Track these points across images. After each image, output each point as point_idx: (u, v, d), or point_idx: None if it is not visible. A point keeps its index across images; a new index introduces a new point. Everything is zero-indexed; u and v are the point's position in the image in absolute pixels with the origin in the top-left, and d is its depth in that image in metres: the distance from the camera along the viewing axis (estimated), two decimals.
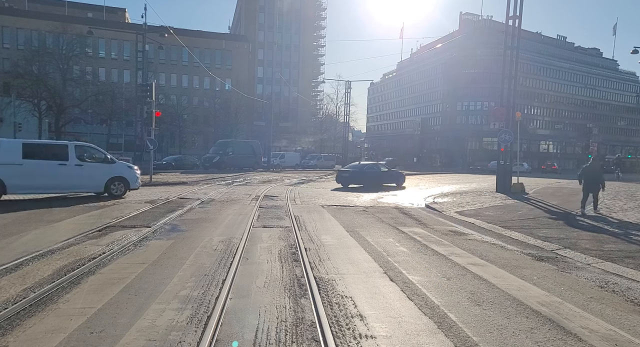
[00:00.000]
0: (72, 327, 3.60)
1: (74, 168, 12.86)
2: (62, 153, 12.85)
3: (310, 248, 6.94)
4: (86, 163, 13.31)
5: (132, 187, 14.17)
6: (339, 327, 3.76)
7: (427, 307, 4.32)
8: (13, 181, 11.83)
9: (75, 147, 13.18)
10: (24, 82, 34.85)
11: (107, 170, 13.69)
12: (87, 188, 13.62)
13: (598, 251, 7.12)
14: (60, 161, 12.68)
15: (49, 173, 12.45)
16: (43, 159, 12.51)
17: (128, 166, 14.45)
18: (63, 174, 12.70)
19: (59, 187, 12.94)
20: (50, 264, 5.58)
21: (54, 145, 14.04)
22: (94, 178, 13.41)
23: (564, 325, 3.93)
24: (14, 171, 11.86)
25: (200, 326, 3.70)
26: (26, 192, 12.66)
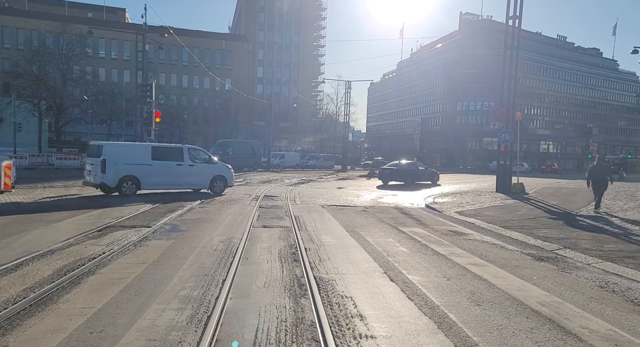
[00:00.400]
0: (72, 327, 3.60)
1: (188, 168, 14.96)
2: (179, 155, 14.96)
3: (310, 248, 6.94)
4: (196, 163, 15.26)
5: (228, 185, 16.10)
6: (339, 327, 3.76)
7: (427, 307, 4.32)
8: (145, 179, 14.12)
9: (188, 150, 15.29)
10: (24, 82, 34.85)
11: (211, 169, 15.62)
12: (197, 185, 15.56)
13: (598, 251, 7.13)
14: (177, 162, 14.79)
15: (170, 172, 14.61)
16: (166, 160, 14.63)
17: (226, 166, 16.36)
18: (180, 173, 14.82)
19: (177, 184, 15.20)
20: (50, 264, 5.58)
21: (173, 148, 16.00)
22: (202, 176, 15.37)
23: (564, 325, 3.94)
24: (146, 171, 14.11)
25: (200, 326, 3.70)
26: (153, 188, 14.73)
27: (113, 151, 14.03)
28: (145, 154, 14.37)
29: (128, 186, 13.86)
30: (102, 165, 13.47)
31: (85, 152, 18.11)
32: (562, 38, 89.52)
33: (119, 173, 13.67)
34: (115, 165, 13.62)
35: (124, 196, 13.62)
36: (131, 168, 13.92)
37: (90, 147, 14.88)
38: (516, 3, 18.10)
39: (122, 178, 13.73)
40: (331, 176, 32.52)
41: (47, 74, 36.65)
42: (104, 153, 13.66)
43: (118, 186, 13.73)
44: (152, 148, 14.87)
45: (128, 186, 13.86)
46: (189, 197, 14.08)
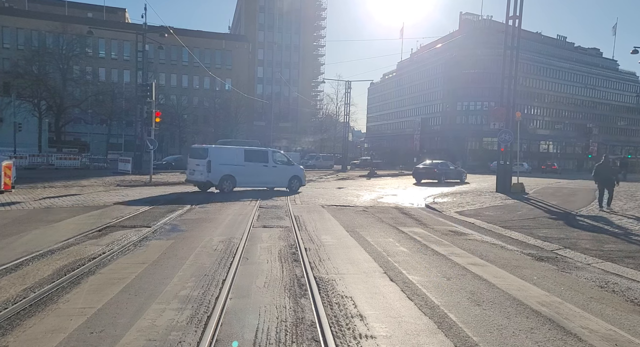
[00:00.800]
0: (72, 327, 3.60)
1: (272, 168, 16.97)
2: (265, 157, 17.02)
3: (310, 248, 6.94)
4: (278, 165, 17.22)
5: (302, 184, 18.09)
6: (339, 327, 3.76)
7: (427, 307, 4.32)
8: (240, 178, 16.10)
9: (271, 152, 17.42)
10: (24, 82, 34.84)
11: (289, 170, 17.65)
12: (278, 184, 17.47)
13: (598, 251, 7.13)
14: (264, 163, 16.81)
15: (258, 172, 16.56)
16: (255, 162, 16.60)
17: (301, 168, 18.58)
18: (266, 173, 16.81)
19: (263, 182, 17.12)
20: (50, 264, 5.58)
21: (259, 151, 17.94)
22: (282, 176, 17.40)
23: (564, 325, 3.94)
24: (240, 171, 16.05)
25: (200, 326, 3.70)
26: (245, 186, 16.64)
27: (215, 153, 15.95)
28: (239, 156, 16.41)
29: (227, 184, 15.84)
30: (207, 165, 15.49)
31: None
32: (562, 38, 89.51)
33: (221, 172, 15.65)
34: (218, 166, 15.58)
35: (223, 192, 15.59)
36: (229, 168, 15.89)
37: (194, 150, 16.97)
38: (516, 3, 18.10)
39: (223, 177, 15.71)
40: (331, 176, 32.52)
41: (47, 74, 36.63)
42: (209, 155, 15.63)
43: (219, 183, 15.69)
44: (244, 151, 16.90)
45: (227, 184, 15.84)
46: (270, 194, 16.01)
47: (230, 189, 15.87)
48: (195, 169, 15.89)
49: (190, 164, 16.45)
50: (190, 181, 16.55)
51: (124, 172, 25.39)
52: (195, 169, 15.95)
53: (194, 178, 16.17)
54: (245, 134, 53.90)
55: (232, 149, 17.42)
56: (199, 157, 15.89)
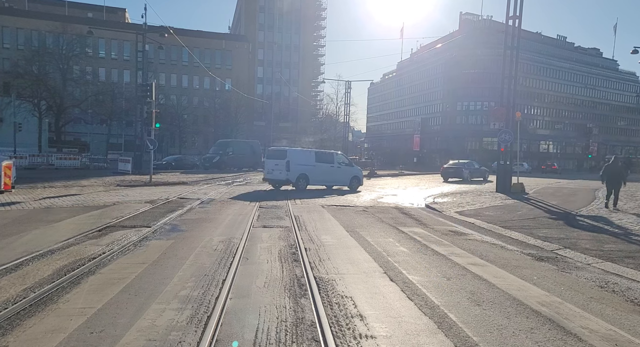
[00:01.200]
0: (72, 327, 3.60)
1: (337, 168, 18.84)
2: (331, 158, 18.96)
3: (310, 248, 6.94)
4: (341, 166, 19.07)
5: (360, 184, 19.78)
6: (339, 327, 3.76)
7: (427, 307, 4.32)
8: (312, 177, 17.79)
9: (335, 155, 19.51)
10: (24, 82, 34.83)
11: (350, 171, 19.42)
12: (341, 183, 19.11)
13: (598, 251, 7.13)
14: (330, 164, 18.68)
15: (326, 172, 18.40)
16: (323, 163, 18.37)
17: (359, 169, 20.45)
18: (331, 173, 18.67)
19: (329, 181, 18.91)
20: (50, 264, 5.58)
21: (327, 153, 19.92)
22: (345, 176, 19.04)
23: (564, 325, 3.94)
24: (312, 170, 17.77)
25: (200, 326, 3.70)
26: (316, 184, 18.21)
27: (293, 154, 17.66)
28: (311, 157, 18.17)
29: (302, 182, 17.52)
30: (287, 165, 17.13)
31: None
32: (562, 38, 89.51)
33: (297, 172, 17.31)
34: (295, 166, 17.23)
35: (299, 190, 17.26)
36: (304, 168, 17.54)
37: (272, 151, 18.91)
38: (516, 3, 18.11)
39: (299, 176, 17.39)
40: None
41: (47, 74, 36.63)
42: (288, 156, 17.37)
43: (296, 181, 17.38)
44: (315, 153, 18.85)
45: (302, 182, 17.52)
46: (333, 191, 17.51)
47: (304, 187, 17.60)
48: (274, 169, 17.53)
49: (268, 164, 18.14)
50: (268, 179, 18.19)
51: (124, 172, 25.38)
52: (274, 168, 17.56)
53: (272, 176, 17.75)
54: (245, 134, 53.92)
55: (305, 151, 19.31)
56: (278, 157, 17.57)
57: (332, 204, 13.53)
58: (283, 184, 17.90)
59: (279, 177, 17.50)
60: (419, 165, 66.35)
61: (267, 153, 19.18)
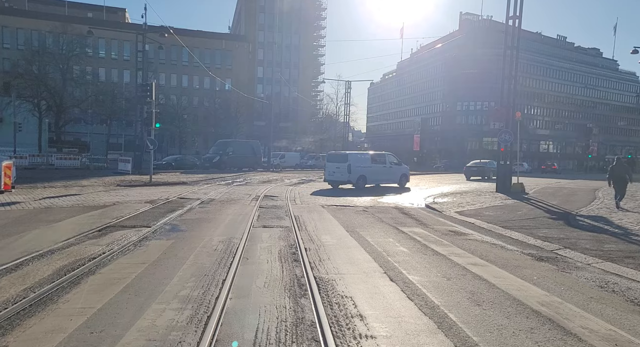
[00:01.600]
0: (72, 327, 3.60)
1: (388, 168, 20.73)
2: (383, 159, 20.86)
3: (310, 248, 6.94)
4: (392, 166, 20.89)
5: (407, 180, 21.69)
6: (339, 327, 3.76)
7: (427, 307, 4.32)
8: (369, 177, 19.59)
9: (387, 155, 21.32)
10: (24, 82, 34.82)
11: (399, 170, 21.23)
12: (392, 181, 20.90)
13: (598, 251, 7.12)
14: (383, 164, 20.56)
15: (380, 171, 20.26)
16: (377, 163, 20.30)
17: (406, 167, 22.25)
18: (384, 172, 20.54)
19: (382, 180, 20.58)
20: (50, 264, 5.58)
21: (380, 154, 21.65)
22: (395, 175, 20.97)
23: (564, 325, 3.93)
24: (368, 171, 19.65)
25: (200, 326, 3.70)
26: (370, 183, 19.94)
27: (353, 157, 19.57)
28: (368, 159, 20.23)
29: (361, 182, 19.16)
30: (348, 168, 18.85)
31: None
32: (562, 38, 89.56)
33: (357, 173, 18.99)
34: (356, 168, 18.94)
35: (359, 189, 18.90)
36: (362, 169, 19.29)
37: (333, 155, 21.19)
38: (516, 3, 18.11)
39: (359, 176, 19.07)
40: None
41: (47, 74, 36.62)
42: (349, 159, 19.17)
43: (356, 181, 19.06)
44: (371, 155, 21.03)
45: (361, 182, 19.16)
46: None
47: (362, 186, 19.20)
48: (335, 171, 19.38)
49: (329, 167, 19.88)
50: (329, 180, 19.99)
51: (124, 172, 25.39)
52: (335, 170, 19.42)
53: (334, 178, 19.55)
54: (245, 134, 53.96)
55: (363, 153, 21.91)
56: (340, 161, 19.44)
57: (332, 204, 13.53)
58: (343, 184, 19.62)
59: (340, 178, 19.27)
60: (419, 165, 66.35)
61: (328, 157, 21.26)
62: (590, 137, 78.93)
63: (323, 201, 14.39)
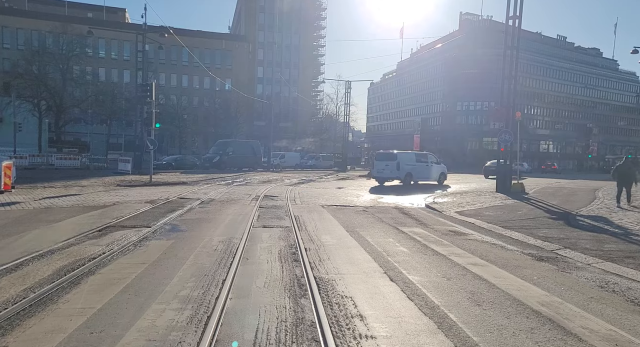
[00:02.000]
0: (72, 328, 3.60)
1: (430, 166, 22.90)
2: (425, 158, 23.15)
3: (310, 248, 6.93)
4: (432, 164, 23.12)
5: (445, 178, 23.86)
6: (339, 328, 3.76)
7: (427, 308, 4.32)
8: (415, 174, 21.70)
9: (428, 155, 23.91)
10: (24, 82, 34.80)
11: (439, 168, 23.44)
12: (432, 179, 23.05)
13: (598, 251, 7.12)
14: (425, 163, 22.77)
15: (423, 170, 22.38)
16: (420, 162, 22.46)
17: (444, 166, 24.14)
18: (426, 170, 22.66)
19: (424, 177, 22.45)
20: (50, 264, 5.58)
21: (422, 154, 24.25)
22: (435, 173, 23.15)
23: (564, 325, 3.93)
24: (414, 169, 21.68)
25: (200, 326, 3.70)
26: (417, 180, 22.10)
27: (401, 157, 21.57)
28: (413, 158, 22.33)
29: (407, 179, 21.37)
30: (397, 165, 20.94)
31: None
32: (562, 38, 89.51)
33: (405, 171, 21.03)
34: (404, 166, 21.01)
35: (407, 185, 21.16)
36: (409, 167, 21.32)
37: (381, 154, 23.45)
38: (516, 3, 18.10)
39: (406, 174, 21.10)
40: (331, 176, 32.52)
41: (47, 74, 36.59)
42: (398, 158, 21.25)
43: (404, 178, 21.26)
44: (415, 154, 23.53)
45: (407, 179, 21.37)
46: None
47: (409, 183, 21.38)
48: (384, 168, 21.52)
49: (378, 165, 22.18)
50: (377, 177, 22.32)
51: (124, 172, 25.39)
52: (384, 168, 21.55)
53: (383, 175, 21.76)
54: (245, 134, 53.95)
55: (409, 153, 24.08)
56: (388, 159, 21.55)
57: (332, 204, 13.52)
58: (391, 180, 21.98)
59: (389, 175, 21.43)
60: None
61: (377, 156, 23.64)
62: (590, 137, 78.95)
63: (323, 201, 14.38)
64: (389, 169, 21.18)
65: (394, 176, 21.34)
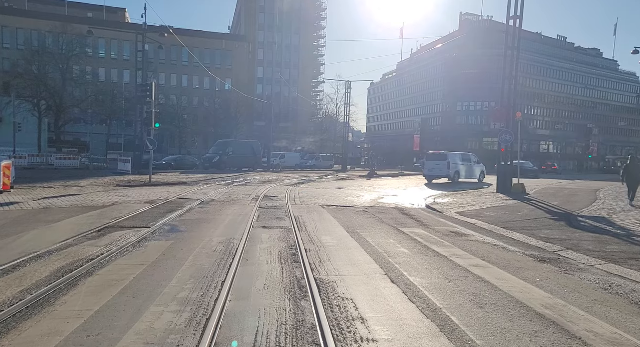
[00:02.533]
0: (68, 330, 3.54)
1: (472, 166, 25.71)
2: (468, 158, 25.81)
3: (310, 249, 6.88)
4: (474, 164, 25.83)
5: (484, 177, 26.10)
6: (340, 331, 3.70)
7: (429, 310, 4.26)
8: (462, 173, 24.42)
9: (471, 155, 26.48)
10: (24, 82, 34.77)
11: (479, 167, 26.15)
12: (474, 177, 25.54)
13: (601, 253, 7.07)
14: (469, 163, 25.49)
15: (467, 169, 25.18)
16: (465, 162, 25.39)
17: (483, 165, 26.45)
18: (469, 169, 25.29)
19: (468, 176, 25.16)
20: (48, 265, 5.52)
21: (465, 154, 26.74)
22: (476, 171, 25.83)
23: (568, 328, 3.88)
24: (460, 168, 24.50)
25: (199, 329, 3.64)
26: (463, 178, 24.87)
27: (451, 157, 24.18)
28: (459, 158, 24.72)
29: (456, 177, 23.81)
30: (447, 165, 23.63)
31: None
32: (563, 38, 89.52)
33: (454, 169, 23.62)
34: (453, 165, 23.59)
35: (455, 183, 23.73)
36: (457, 166, 24.15)
37: (431, 154, 26.27)
38: (517, 3, 18.04)
39: (455, 172, 23.73)
40: (331, 176, 32.47)
41: (46, 74, 36.55)
42: (449, 158, 23.93)
43: (452, 176, 23.75)
44: (461, 155, 25.66)
45: (456, 177, 23.81)
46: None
47: (457, 180, 23.91)
48: (435, 167, 24.37)
49: (429, 164, 25.10)
50: (428, 175, 25.18)
51: (123, 173, 25.32)
52: (434, 167, 24.44)
53: (434, 173, 24.61)
54: (245, 134, 53.90)
55: (456, 154, 25.74)
56: (439, 159, 24.39)
57: (332, 204, 13.47)
58: (440, 178, 24.68)
59: (440, 173, 24.22)
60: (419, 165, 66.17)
61: (427, 156, 26.50)
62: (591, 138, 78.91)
63: (323, 201, 14.33)
64: (439, 168, 23.88)
65: (443, 174, 23.92)
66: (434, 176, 24.55)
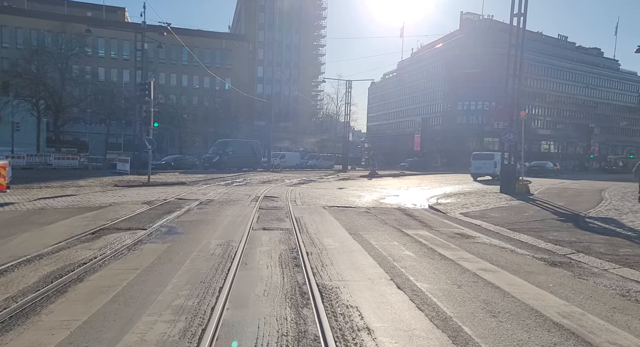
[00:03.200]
0: (52, 343, 3.29)
1: (494, 165, 26.45)
2: (491, 158, 27.44)
3: (312, 252, 6.63)
4: (497, 163, 25.36)
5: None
6: (345, 343, 3.45)
7: (439, 319, 4.01)
8: (497, 171, 24.33)
9: (494, 155, 27.16)
10: (23, 82, 34.56)
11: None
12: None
13: (613, 256, 6.81)
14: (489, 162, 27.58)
15: (484, 167, 27.66)
16: (481, 160, 28.10)
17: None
18: (493, 169, 26.82)
19: (493, 174, 26.55)
20: (37, 270, 5.27)
21: (489, 154, 28.89)
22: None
23: (590, 340, 3.62)
24: (492, 169, 26.40)
25: (194, 341, 3.39)
26: (478, 177, 28.10)
27: (496, 157, 25.44)
28: (499, 158, 23.71)
29: (498, 175, 23.20)
30: (494, 164, 25.83)
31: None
32: (564, 38, 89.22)
33: (498, 169, 22.86)
34: (499, 164, 22.62)
35: (493, 178, 25.95)
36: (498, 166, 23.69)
37: (478, 154, 28.97)
38: (521, 0, 17.78)
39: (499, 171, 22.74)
40: (332, 176, 32.22)
41: (45, 73, 36.35)
42: (495, 158, 26.04)
43: (494, 174, 25.49)
44: (500, 155, 25.31)
45: (498, 175, 23.20)
46: None
47: (497, 177, 24.19)
48: (482, 166, 27.35)
49: (475, 164, 27.91)
50: (475, 173, 27.94)
51: (122, 172, 25.08)
52: (481, 166, 27.37)
53: (480, 171, 27.40)
54: (245, 133, 53.65)
55: (497, 154, 26.15)
56: (485, 159, 27.56)
57: (334, 205, 13.21)
58: (485, 176, 27.16)
59: (486, 172, 27.02)
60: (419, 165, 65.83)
61: (473, 156, 28.77)
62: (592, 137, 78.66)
63: (324, 202, 14.07)
64: (485, 167, 26.78)
65: (490, 173, 26.42)
66: (479, 174, 26.78)
